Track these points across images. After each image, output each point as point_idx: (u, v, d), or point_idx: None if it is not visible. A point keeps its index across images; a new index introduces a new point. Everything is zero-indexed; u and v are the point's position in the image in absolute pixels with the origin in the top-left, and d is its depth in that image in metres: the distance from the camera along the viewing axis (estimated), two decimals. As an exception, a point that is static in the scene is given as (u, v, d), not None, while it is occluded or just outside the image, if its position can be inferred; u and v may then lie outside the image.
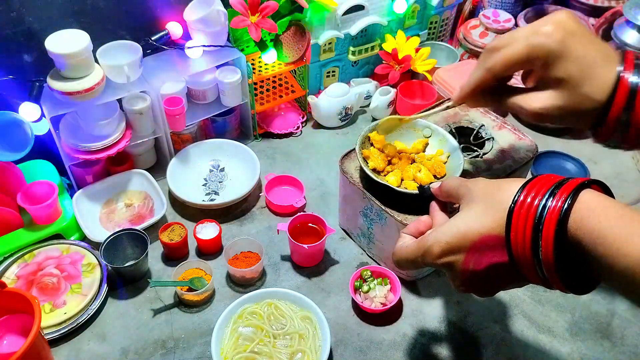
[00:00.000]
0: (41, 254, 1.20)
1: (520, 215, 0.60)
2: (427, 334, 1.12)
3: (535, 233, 0.58)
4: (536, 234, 0.58)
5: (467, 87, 0.87)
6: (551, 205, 0.58)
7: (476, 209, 0.67)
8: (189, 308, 1.15)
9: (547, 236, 0.57)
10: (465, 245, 0.66)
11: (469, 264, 0.66)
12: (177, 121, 1.34)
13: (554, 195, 0.59)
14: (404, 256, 0.75)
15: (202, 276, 1.17)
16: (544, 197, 0.59)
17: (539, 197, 0.60)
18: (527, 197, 0.61)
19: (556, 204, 0.58)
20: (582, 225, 0.56)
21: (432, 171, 1.11)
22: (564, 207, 0.57)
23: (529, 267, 0.60)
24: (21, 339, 1.04)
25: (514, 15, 1.80)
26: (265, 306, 1.11)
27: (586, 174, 1.47)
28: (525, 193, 0.61)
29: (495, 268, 0.66)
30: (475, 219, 0.66)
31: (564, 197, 0.58)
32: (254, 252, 1.23)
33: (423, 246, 0.71)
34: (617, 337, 1.12)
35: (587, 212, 0.56)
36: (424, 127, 1.19)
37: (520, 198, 0.61)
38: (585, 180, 0.60)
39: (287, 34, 1.46)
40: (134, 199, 1.35)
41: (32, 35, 1.20)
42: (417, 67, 1.62)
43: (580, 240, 0.56)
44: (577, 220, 0.57)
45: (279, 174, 1.42)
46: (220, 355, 1.02)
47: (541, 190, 0.60)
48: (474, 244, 0.65)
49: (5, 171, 1.24)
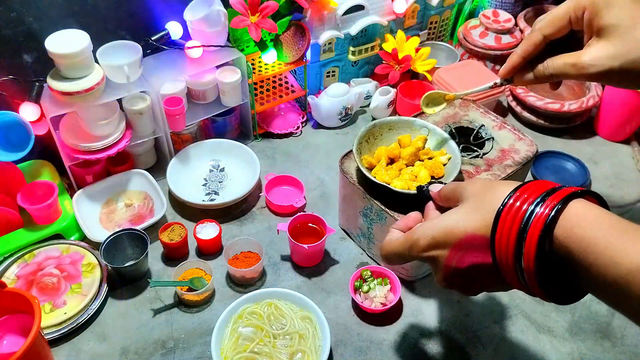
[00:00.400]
0: (41, 254, 1.20)
1: (507, 219, 0.59)
2: (427, 334, 1.12)
3: (520, 238, 0.57)
4: (520, 239, 0.57)
5: (515, 56, 0.85)
6: (539, 212, 0.57)
7: (466, 208, 0.67)
8: (189, 308, 1.15)
9: (530, 242, 0.57)
10: (450, 241, 0.65)
11: (452, 260, 0.66)
12: (177, 121, 1.34)
13: (543, 201, 0.58)
14: (391, 249, 0.75)
15: (202, 276, 1.17)
16: (533, 202, 0.58)
17: (528, 203, 0.59)
18: (517, 201, 0.60)
19: (544, 210, 0.57)
20: (571, 233, 0.55)
21: (431, 172, 1.11)
22: (550, 215, 0.56)
23: (511, 272, 0.60)
24: (21, 339, 1.04)
25: (514, 15, 1.80)
26: (265, 306, 1.11)
27: (586, 174, 1.47)
28: (516, 197, 0.60)
29: (478, 268, 0.65)
30: (464, 217, 0.66)
31: (553, 204, 0.57)
32: (254, 252, 1.23)
33: (410, 239, 0.71)
34: (617, 337, 1.12)
35: (577, 221, 0.55)
36: (421, 127, 1.19)
37: (510, 201, 0.60)
38: (578, 190, 0.59)
39: (287, 34, 1.46)
40: (134, 199, 1.35)
41: (32, 36, 1.20)
42: (417, 67, 1.62)
43: (570, 249, 0.55)
44: (567, 229, 0.55)
45: (279, 174, 1.42)
46: (220, 355, 1.02)
47: (532, 196, 0.59)
48: (460, 241, 0.65)
49: (5, 171, 1.24)
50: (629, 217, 1.37)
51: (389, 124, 1.21)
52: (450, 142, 1.14)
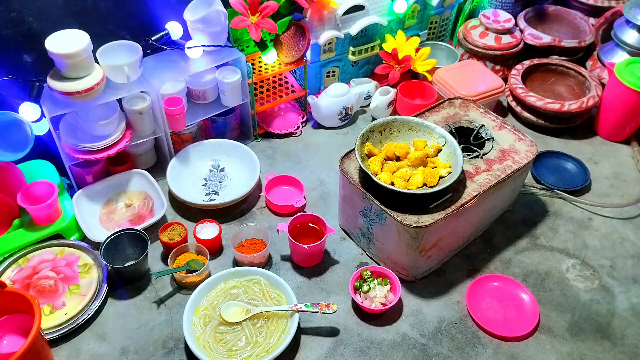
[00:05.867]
0: (35, 258, 1.19)
1: None
2: (427, 334, 1.12)
3: None
4: None
5: None
6: None
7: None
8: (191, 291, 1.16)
9: None
10: None
11: None
12: (177, 121, 1.34)
13: None
14: None
15: (195, 258, 1.20)
16: None
17: None
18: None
19: None
20: None
21: (425, 180, 1.11)
22: None
23: None
24: (21, 339, 1.04)
25: (514, 15, 1.80)
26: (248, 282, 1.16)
27: (586, 173, 1.47)
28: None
29: None
30: None
31: None
32: (259, 238, 1.25)
33: None
34: (617, 337, 1.12)
35: None
36: (439, 136, 1.19)
37: None
38: None
39: (287, 34, 1.46)
40: (134, 199, 1.35)
41: (32, 35, 1.20)
42: (417, 67, 1.62)
43: None
44: None
45: (279, 174, 1.42)
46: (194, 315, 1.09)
47: None
48: None
49: (5, 171, 1.24)
50: (628, 216, 1.38)
51: (410, 124, 1.21)
52: (458, 158, 1.13)
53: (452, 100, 1.37)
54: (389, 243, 1.15)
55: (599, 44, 1.80)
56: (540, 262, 1.27)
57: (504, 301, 1.17)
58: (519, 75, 1.65)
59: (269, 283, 1.15)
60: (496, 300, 1.17)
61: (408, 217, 1.07)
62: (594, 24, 1.81)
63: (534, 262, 1.26)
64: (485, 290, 1.19)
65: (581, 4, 1.85)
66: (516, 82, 1.63)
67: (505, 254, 1.28)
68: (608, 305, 1.18)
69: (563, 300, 1.19)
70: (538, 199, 1.42)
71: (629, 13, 1.63)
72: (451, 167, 1.14)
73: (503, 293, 1.19)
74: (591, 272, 1.25)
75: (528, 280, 1.23)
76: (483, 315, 1.14)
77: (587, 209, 1.40)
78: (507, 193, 1.27)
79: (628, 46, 1.64)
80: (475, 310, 1.15)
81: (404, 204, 1.09)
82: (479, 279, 1.20)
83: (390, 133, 1.21)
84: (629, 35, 1.64)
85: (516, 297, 1.18)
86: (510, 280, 1.20)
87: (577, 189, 1.43)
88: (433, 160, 1.16)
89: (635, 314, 1.16)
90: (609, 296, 1.19)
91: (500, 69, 1.76)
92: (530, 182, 1.44)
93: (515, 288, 1.19)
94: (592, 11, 1.84)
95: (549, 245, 1.30)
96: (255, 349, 1.04)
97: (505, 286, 1.20)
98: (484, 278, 1.20)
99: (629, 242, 1.32)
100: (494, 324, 1.12)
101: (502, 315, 1.15)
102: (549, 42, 1.72)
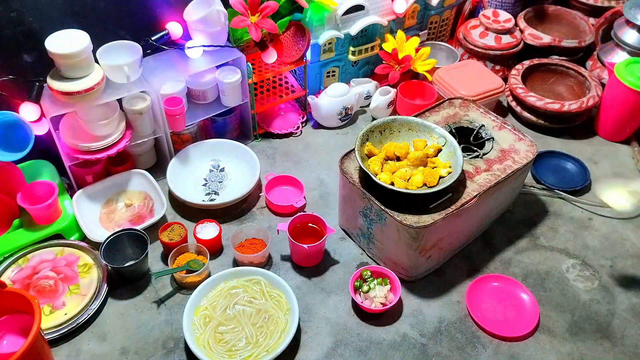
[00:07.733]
0: (35, 258, 1.19)
1: None
2: (427, 334, 1.12)
3: None
4: None
5: None
6: None
7: None
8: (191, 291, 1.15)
9: None
10: None
11: None
12: (177, 121, 1.34)
13: None
14: None
15: (195, 258, 1.20)
16: None
17: None
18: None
19: None
20: None
21: (426, 180, 1.11)
22: None
23: None
24: (21, 339, 1.04)
25: (514, 15, 1.81)
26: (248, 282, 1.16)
27: (586, 174, 1.47)
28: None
29: None
30: None
31: None
32: (259, 238, 1.25)
33: None
34: (617, 337, 1.12)
35: None
36: (439, 136, 1.19)
37: None
38: None
39: (287, 34, 1.46)
40: (134, 199, 1.35)
41: (32, 35, 1.20)
42: (417, 67, 1.62)
43: None
44: None
45: (279, 174, 1.42)
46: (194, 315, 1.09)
47: None
48: None
49: (5, 171, 1.24)
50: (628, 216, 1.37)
51: (410, 124, 1.21)
52: (458, 158, 1.13)
53: (452, 100, 1.37)
54: (389, 243, 1.15)
55: (599, 44, 1.80)
56: (540, 262, 1.27)
57: (504, 301, 1.17)
58: (519, 75, 1.65)
59: (269, 283, 1.15)
60: (496, 300, 1.17)
61: (408, 217, 1.07)
62: (594, 24, 1.81)
63: (534, 262, 1.26)
64: (485, 290, 1.19)
65: (581, 4, 1.85)
66: (516, 82, 1.63)
67: (505, 254, 1.28)
68: (608, 305, 1.18)
69: (563, 300, 1.19)
70: (538, 199, 1.42)
71: (629, 13, 1.63)
72: (451, 167, 1.14)
73: (503, 293, 1.19)
74: (591, 272, 1.25)
75: (528, 280, 1.23)
76: (483, 315, 1.14)
77: (587, 209, 1.40)
78: (507, 193, 1.27)
79: (628, 46, 1.64)
80: (475, 310, 1.15)
81: (404, 204, 1.09)
82: (479, 279, 1.20)
83: (390, 133, 1.21)
84: (629, 35, 1.64)
85: (516, 297, 1.18)
86: (510, 280, 1.20)
87: (577, 189, 1.43)
88: (433, 160, 1.17)
89: (635, 314, 1.16)
90: (609, 296, 1.19)
91: (500, 69, 1.76)
92: (530, 182, 1.44)
93: (515, 288, 1.19)
94: (592, 11, 1.85)
95: (549, 245, 1.30)
96: (255, 349, 1.04)
97: (505, 286, 1.20)
98: (484, 278, 1.21)
99: (629, 242, 1.32)
100: (494, 324, 1.12)
101: (502, 315, 1.15)
102: (549, 42, 1.72)
